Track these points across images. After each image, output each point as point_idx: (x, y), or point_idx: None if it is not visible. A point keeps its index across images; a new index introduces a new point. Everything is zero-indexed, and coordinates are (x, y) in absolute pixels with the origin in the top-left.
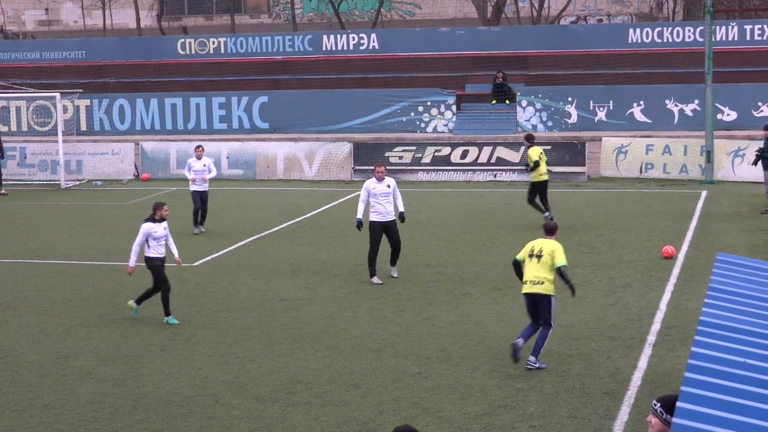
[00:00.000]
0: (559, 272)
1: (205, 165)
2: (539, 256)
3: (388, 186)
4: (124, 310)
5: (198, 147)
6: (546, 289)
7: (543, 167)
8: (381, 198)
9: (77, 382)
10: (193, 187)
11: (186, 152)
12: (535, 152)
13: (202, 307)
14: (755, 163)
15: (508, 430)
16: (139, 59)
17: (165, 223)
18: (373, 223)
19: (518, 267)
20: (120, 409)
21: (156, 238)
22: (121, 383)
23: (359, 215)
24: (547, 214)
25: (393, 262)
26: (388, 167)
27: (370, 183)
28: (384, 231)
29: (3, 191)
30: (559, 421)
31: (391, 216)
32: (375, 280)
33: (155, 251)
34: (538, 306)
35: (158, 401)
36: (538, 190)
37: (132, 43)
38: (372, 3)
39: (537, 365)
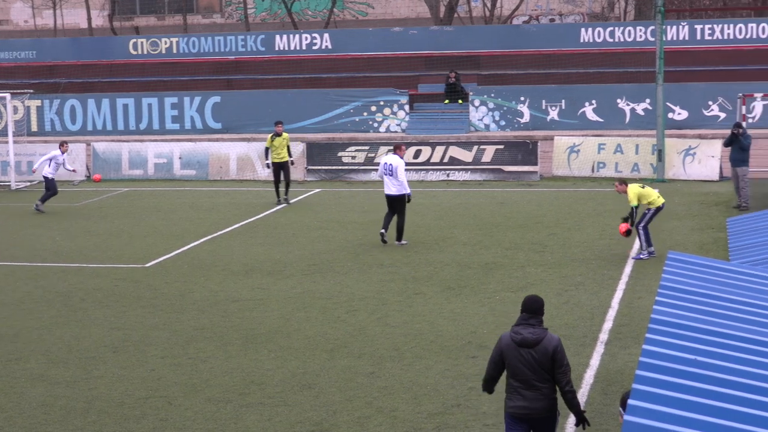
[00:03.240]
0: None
1: (64, 158)
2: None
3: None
4: (76, 311)
5: (64, 143)
6: None
7: (275, 153)
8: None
9: (28, 385)
10: (52, 175)
11: (138, 153)
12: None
13: (155, 308)
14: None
15: (461, 429)
16: (90, 59)
17: None
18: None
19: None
20: (72, 412)
21: None
22: (73, 385)
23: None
24: (287, 198)
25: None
26: (341, 167)
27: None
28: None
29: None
30: None
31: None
32: (404, 241)
33: None
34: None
35: (111, 403)
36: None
37: (83, 43)
38: (325, 3)
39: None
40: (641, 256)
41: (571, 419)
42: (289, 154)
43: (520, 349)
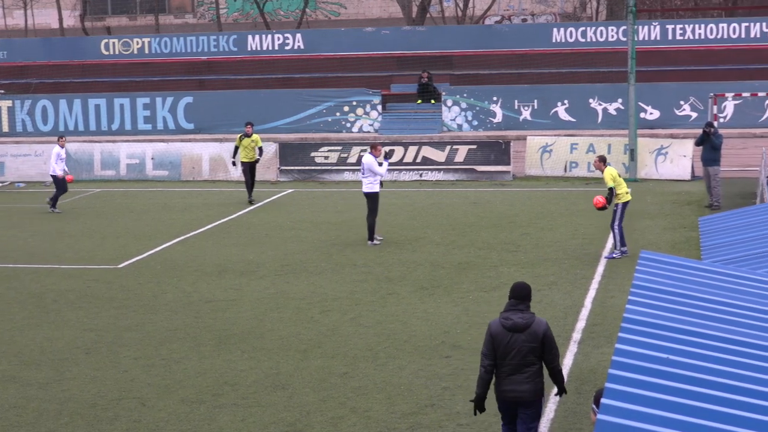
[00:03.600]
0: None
1: (66, 153)
2: None
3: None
4: (49, 313)
5: (62, 137)
6: None
7: (244, 153)
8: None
9: (0, 387)
10: (61, 173)
11: (110, 153)
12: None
13: (128, 309)
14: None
15: (435, 429)
16: (62, 60)
17: None
18: (377, 194)
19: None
20: (44, 414)
21: None
22: (46, 387)
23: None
24: (252, 199)
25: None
26: (313, 167)
27: (372, 158)
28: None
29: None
30: (486, 419)
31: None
32: (376, 241)
33: None
34: None
35: (83, 405)
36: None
37: (55, 43)
38: (297, 3)
39: None
40: (614, 255)
41: (552, 399)
42: (260, 154)
43: (510, 334)
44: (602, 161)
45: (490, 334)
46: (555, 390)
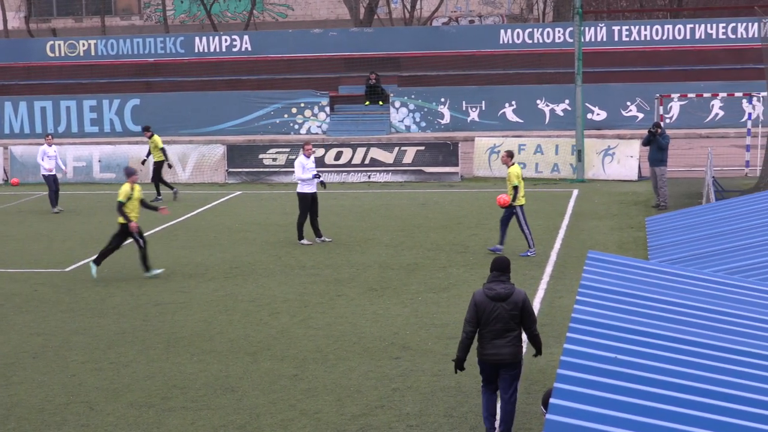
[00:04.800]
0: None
1: (55, 152)
2: None
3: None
4: None
5: (48, 135)
6: None
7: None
8: (312, 172)
9: None
10: (46, 171)
11: None
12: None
13: (75, 313)
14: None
15: (385, 430)
16: (6, 62)
17: None
18: (307, 195)
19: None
20: None
21: None
22: None
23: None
24: (174, 190)
25: (320, 231)
26: (261, 169)
27: (303, 159)
28: (312, 201)
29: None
30: (436, 420)
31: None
32: (305, 241)
33: None
34: None
35: (31, 410)
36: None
37: None
38: (244, 4)
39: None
40: (528, 254)
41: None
42: (166, 157)
43: (494, 303)
44: (510, 156)
45: (475, 302)
46: (534, 352)
